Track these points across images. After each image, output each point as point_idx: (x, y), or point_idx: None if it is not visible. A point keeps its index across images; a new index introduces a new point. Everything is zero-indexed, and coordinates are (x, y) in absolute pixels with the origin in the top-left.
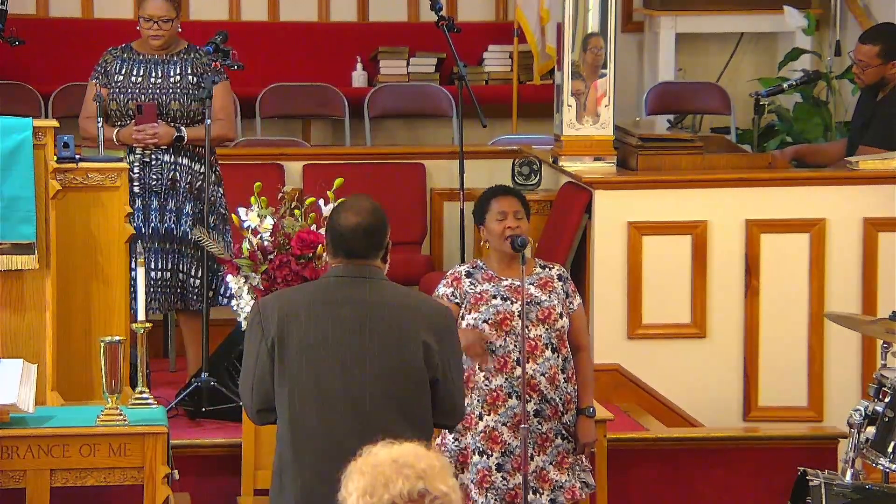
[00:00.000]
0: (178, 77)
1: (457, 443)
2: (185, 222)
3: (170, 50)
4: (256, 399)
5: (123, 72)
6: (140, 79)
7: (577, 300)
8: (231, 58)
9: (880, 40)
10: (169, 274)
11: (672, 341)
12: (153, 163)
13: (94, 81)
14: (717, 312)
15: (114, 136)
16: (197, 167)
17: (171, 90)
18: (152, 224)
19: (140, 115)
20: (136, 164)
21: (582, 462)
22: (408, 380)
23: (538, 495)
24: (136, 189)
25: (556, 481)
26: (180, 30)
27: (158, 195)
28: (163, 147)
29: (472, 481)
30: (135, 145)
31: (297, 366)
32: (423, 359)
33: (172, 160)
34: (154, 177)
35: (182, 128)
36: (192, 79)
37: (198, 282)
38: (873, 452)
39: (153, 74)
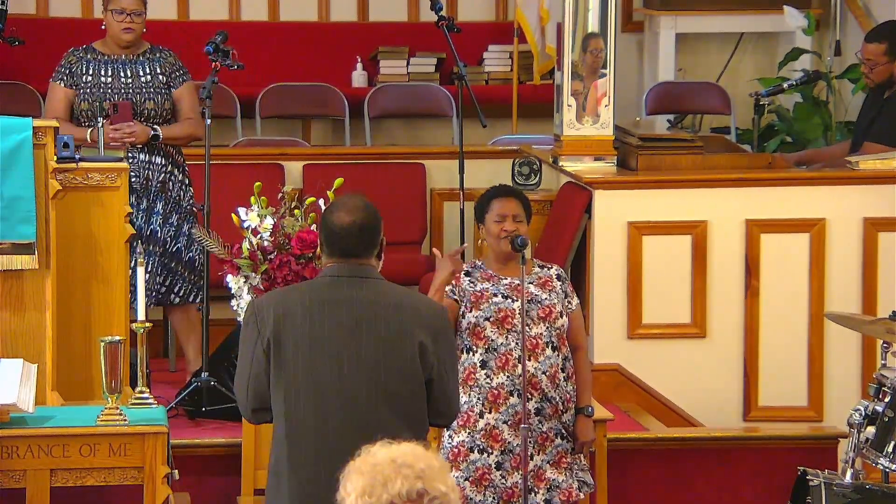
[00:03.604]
0: (148, 77)
1: (450, 440)
2: (155, 221)
3: (134, 50)
4: (252, 398)
5: (91, 72)
6: (110, 79)
7: (575, 300)
8: (231, 58)
9: (887, 38)
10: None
11: (672, 341)
12: (130, 162)
13: (58, 83)
14: (717, 312)
15: (87, 136)
16: (170, 167)
17: (143, 90)
18: None
19: (115, 113)
20: None
21: (580, 461)
22: (404, 379)
23: (533, 494)
24: None
25: (553, 480)
26: (145, 30)
27: (134, 193)
28: (138, 146)
29: (466, 479)
30: (111, 144)
31: (293, 366)
32: (419, 358)
33: (147, 159)
34: (132, 176)
35: (157, 127)
36: (163, 78)
37: (158, 279)
38: (873, 452)
39: (123, 75)
